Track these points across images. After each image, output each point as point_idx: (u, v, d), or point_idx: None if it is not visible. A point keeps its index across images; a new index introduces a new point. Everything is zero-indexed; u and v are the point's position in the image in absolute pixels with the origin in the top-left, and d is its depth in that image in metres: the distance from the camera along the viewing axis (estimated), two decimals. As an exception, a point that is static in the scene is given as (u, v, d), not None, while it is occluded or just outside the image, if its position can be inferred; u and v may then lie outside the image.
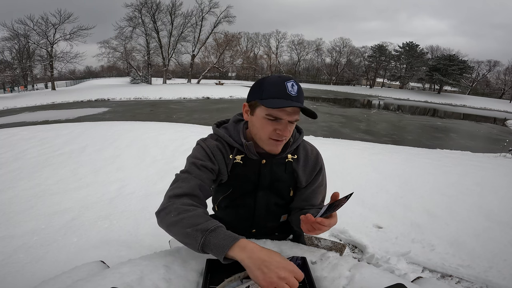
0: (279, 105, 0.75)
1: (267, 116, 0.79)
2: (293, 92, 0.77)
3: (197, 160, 0.85)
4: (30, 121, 10.52)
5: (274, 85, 0.78)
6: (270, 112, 0.78)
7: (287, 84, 0.77)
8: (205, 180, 0.83)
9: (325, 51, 57.82)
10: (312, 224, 0.71)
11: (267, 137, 0.81)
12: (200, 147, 0.89)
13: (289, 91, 0.77)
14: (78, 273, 0.81)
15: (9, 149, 4.09)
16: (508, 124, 17.59)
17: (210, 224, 0.69)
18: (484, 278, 1.81)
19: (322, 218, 0.71)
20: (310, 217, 0.70)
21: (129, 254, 1.86)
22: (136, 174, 3.34)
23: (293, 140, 0.93)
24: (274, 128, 0.80)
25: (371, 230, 2.35)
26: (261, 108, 0.80)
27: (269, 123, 0.80)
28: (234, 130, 0.91)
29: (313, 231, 0.72)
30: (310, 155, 0.96)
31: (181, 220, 0.70)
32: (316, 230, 0.72)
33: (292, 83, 0.78)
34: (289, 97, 0.76)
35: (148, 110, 14.34)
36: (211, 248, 0.66)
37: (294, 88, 0.78)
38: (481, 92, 51.75)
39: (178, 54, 39.35)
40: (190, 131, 5.68)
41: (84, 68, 57.41)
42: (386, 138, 9.86)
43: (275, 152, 0.86)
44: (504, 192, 3.07)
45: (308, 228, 0.73)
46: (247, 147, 0.86)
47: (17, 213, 2.36)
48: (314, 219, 0.70)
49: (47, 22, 27.16)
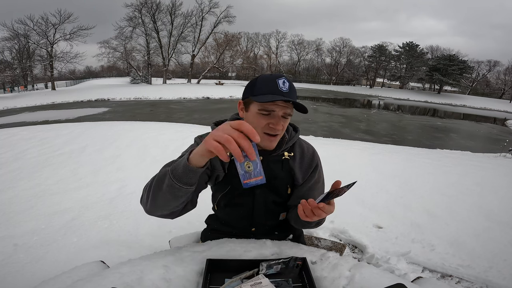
0: (271, 98, 0.78)
1: (260, 111, 0.81)
2: (284, 89, 0.80)
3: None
4: (30, 121, 10.52)
5: (266, 82, 0.82)
6: (263, 106, 0.81)
7: (279, 81, 0.81)
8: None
9: (325, 51, 57.88)
10: (313, 209, 0.71)
11: (261, 132, 0.83)
12: (194, 142, 0.92)
13: (280, 88, 0.80)
14: (78, 273, 0.81)
15: (9, 149, 4.09)
16: (508, 124, 17.58)
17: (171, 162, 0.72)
18: (484, 278, 1.81)
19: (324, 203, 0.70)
20: (312, 201, 0.71)
21: (129, 254, 1.86)
22: (136, 174, 3.34)
23: (289, 138, 0.95)
24: (268, 122, 0.82)
25: (371, 230, 2.35)
26: (255, 104, 0.83)
27: (262, 118, 0.82)
28: None
29: (311, 216, 0.72)
30: (306, 153, 0.98)
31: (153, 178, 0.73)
32: (315, 215, 0.71)
33: (284, 80, 0.81)
34: (281, 92, 0.80)
35: (148, 110, 14.34)
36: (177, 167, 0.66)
37: (286, 84, 0.81)
38: (481, 92, 51.74)
39: (178, 54, 39.40)
40: (190, 131, 5.68)
41: (84, 68, 57.43)
42: (386, 138, 9.86)
43: (270, 148, 0.87)
44: (504, 192, 3.07)
45: (308, 213, 0.72)
46: None
47: (17, 213, 2.36)
48: (316, 204, 0.70)
49: (47, 22, 27.19)
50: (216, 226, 1.06)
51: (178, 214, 0.80)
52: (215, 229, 1.06)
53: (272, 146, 0.87)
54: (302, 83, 53.68)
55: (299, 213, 0.75)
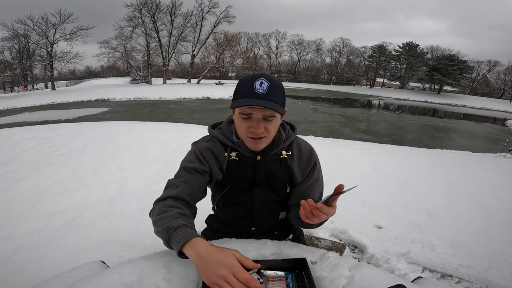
0: (243, 103, 0.79)
1: (240, 114, 0.82)
2: (261, 90, 0.79)
3: (188, 164, 0.90)
4: (30, 121, 10.52)
5: (245, 85, 0.81)
6: (241, 110, 0.81)
7: (255, 82, 0.79)
8: (195, 183, 0.87)
9: (325, 51, 57.92)
10: (312, 210, 0.71)
11: (245, 135, 0.85)
12: (192, 150, 0.94)
13: (256, 90, 0.78)
14: (78, 273, 0.81)
15: (9, 149, 4.09)
16: (508, 124, 17.59)
17: (175, 223, 0.71)
18: (484, 278, 1.81)
19: (323, 204, 0.71)
20: (311, 202, 0.72)
21: (129, 254, 1.86)
22: (136, 174, 3.34)
23: (286, 137, 0.95)
24: (248, 125, 0.82)
25: (371, 230, 2.35)
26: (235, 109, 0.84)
27: (243, 121, 0.83)
28: (227, 130, 0.95)
29: (311, 217, 0.73)
30: (304, 151, 0.98)
31: (158, 220, 0.75)
32: (315, 217, 0.72)
33: (261, 81, 0.79)
34: (256, 95, 0.78)
35: (148, 110, 14.34)
36: (172, 244, 0.69)
37: (263, 85, 0.79)
38: (481, 92, 51.72)
39: (178, 54, 39.45)
40: (190, 131, 5.68)
41: (84, 68, 57.43)
42: (386, 138, 9.86)
43: (257, 150, 0.88)
44: (504, 192, 3.07)
45: (307, 213, 0.73)
46: (238, 144, 0.90)
47: (17, 213, 2.36)
48: (314, 205, 0.71)
49: (47, 22, 27.21)
50: (216, 226, 1.06)
51: None
52: (215, 229, 1.06)
53: (258, 148, 0.87)
54: (302, 83, 53.69)
55: (301, 214, 0.75)
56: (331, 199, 0.71)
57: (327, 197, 0.71)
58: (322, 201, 0.72)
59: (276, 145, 0.92)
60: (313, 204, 0.71)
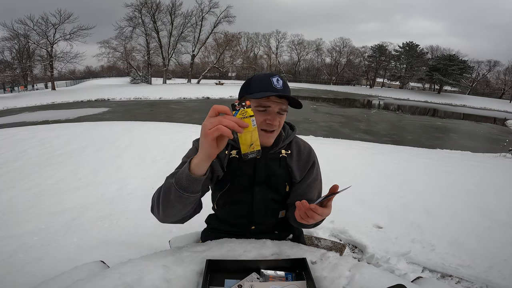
0: (266, 94, 0.81)
1: (257, 107, 0.84)
2: (279, 86, 0.83)
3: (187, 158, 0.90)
4: (30, 121, 10.52)
5: (261, 81, 0.85)
6: (259, 103, 0.83)
7: (273, 79, 0.84)
8: None
9: (325, 51, 57.81)
10: (306, 211, 0.72)
11: (259, 129, 0.85)
12: (193, 146, 0.94)
13: (274, 85, 0.83)
14: (78, 273, 0.81)
15: (9, 149, 4.09)
16: (508, 124, 17.58)
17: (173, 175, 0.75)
18: (484, 278, 1.81)
19: (316, 205, 0.71)
20: (305, 203, 0.72)
21: (129, 254, 1.86)
22: (136, 174, 3.34)
23: (286, 136, 0.97)
24: (264, 118, 0.85)
25: (371, 230, 2.35)
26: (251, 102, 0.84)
27: (259, 114, 0.84)
28: None
29: (306, 218, 0.73)
30: (303, 150, 0.99)
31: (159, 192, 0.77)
32: (309, 217, 0.72)
33: (277, 78, 0.85)
34: (275, 89, 0.83)
35: (148, 110, 14.34)
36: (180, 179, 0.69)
37: (279, 82, 0.84)
38: (481, 92, 51.70)
39: (178, 54, 39.40)
40: (190, 131, 5.68)
41: (84, 68, 57.27)
42: (386, 138, 9.86)
43: (267, 145, 0.89)
44: (503, 192, 3.07)
45: (302, 214, 0.73)
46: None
47: (17, 213, 2.36)
48: (308, 206, 0.71)
49: (47, 22, 27.18)
50: (216, 225, 1.06)
51: (188, 218, 0.84)
52: (215, 228, 1.07)
53: (269, 142, 0.89)
54: (302, 83, 53.66)
55: (296, 215, 0.76)
56: (326, 199, 0.71)
57: (322, 198, 0.72)
58: (317, 202, 0.72)
59: (276, 143, 0.93)
60: (307, 205, 0.71)
